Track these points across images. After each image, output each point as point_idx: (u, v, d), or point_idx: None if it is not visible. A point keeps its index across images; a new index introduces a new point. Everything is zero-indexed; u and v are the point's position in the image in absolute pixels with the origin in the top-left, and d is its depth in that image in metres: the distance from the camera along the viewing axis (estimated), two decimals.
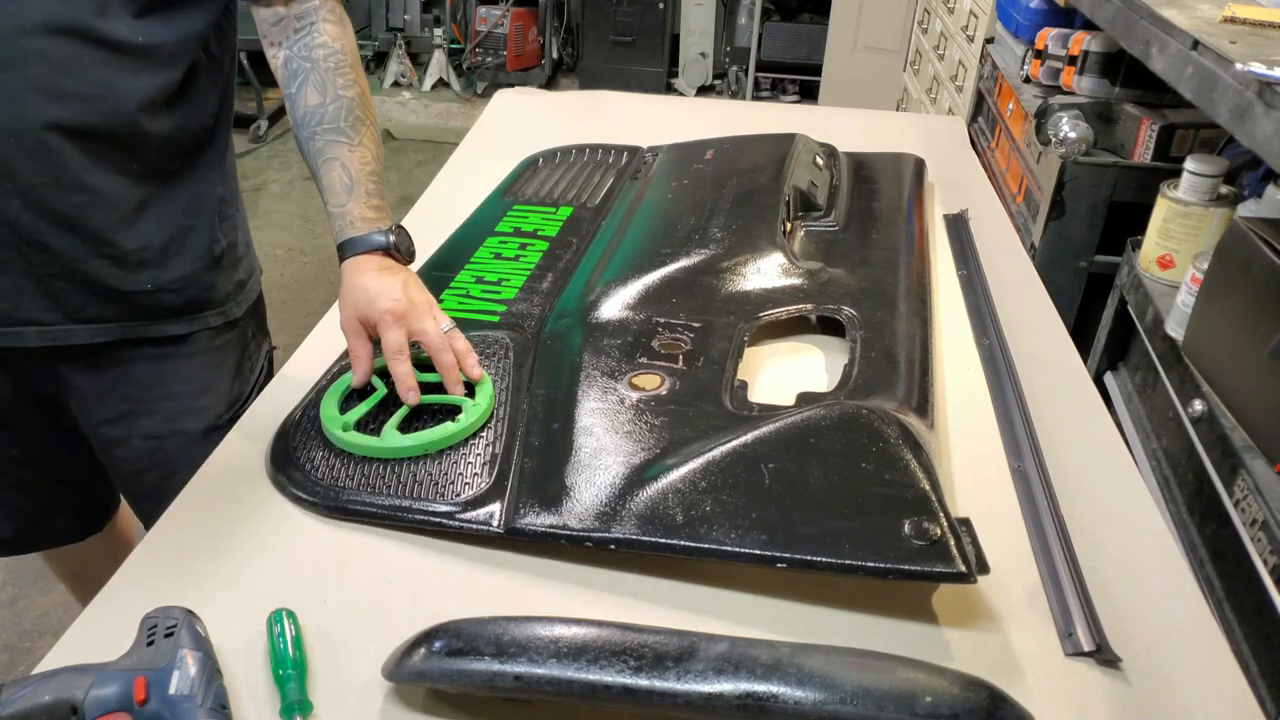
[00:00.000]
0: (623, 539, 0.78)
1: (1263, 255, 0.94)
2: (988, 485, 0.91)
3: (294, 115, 1.00)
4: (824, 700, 0.60)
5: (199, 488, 0.89)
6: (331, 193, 0.98)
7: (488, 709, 0.68)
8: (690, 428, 0.90)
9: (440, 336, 0.94)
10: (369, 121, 1.01)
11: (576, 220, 1.38)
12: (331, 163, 0.98)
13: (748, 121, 1.77)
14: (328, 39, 1.00)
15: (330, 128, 0.98)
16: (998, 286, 1.26)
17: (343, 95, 0.99)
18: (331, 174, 0.98)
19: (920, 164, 1.56)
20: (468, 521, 0.82)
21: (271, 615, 0.72)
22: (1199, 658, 0.74)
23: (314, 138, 0.99)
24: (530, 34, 4.94)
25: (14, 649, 1.85)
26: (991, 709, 0.61)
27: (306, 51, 1.00)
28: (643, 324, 1.08)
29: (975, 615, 0.76)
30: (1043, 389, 1.05)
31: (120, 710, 0.62)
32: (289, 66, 1.00)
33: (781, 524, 0.77)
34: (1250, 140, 0.92)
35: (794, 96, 4.87)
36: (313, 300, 3.15)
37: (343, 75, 1.00)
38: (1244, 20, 1.11)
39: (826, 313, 1.11)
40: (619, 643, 0.64)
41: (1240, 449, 0.94)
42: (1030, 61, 1.76)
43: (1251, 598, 0.89)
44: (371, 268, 0.95)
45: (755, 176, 1.38)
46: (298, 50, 1.00)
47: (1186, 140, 1.44)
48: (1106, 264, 1.49)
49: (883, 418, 0.86)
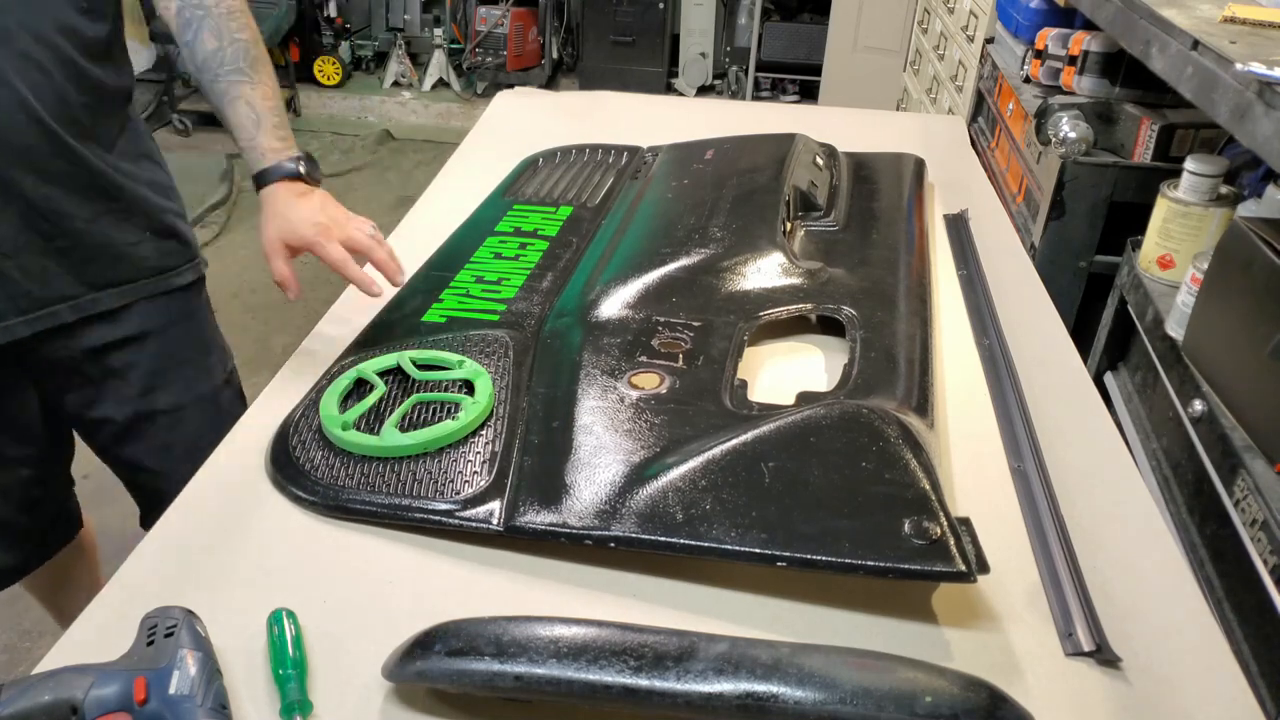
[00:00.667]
0: (623, 537, 0.78)
1: (1263, 255, 0.94)
2: (988, 485, 0.91)
3: (193, 62, 1.05)
4: (824, 700, 0.60)
5: (199, 488, 0.88)
6: (240, 129, 1.03)
7: (488, 709, 0.68)
8: (690, 427, 0.90)
9: (368, 239, 1.02)
10: (265, 61, 1.07)
11: (576, 220, 1.38)
12: (236, 101, 1.03)
13: (748, 121, 1.77)
14: None
15: (231, 69, 1.04)
16: (998, 286, 1.26)
17: (238, 38, 1.05)
18: (238, 111, 1.03)
19: (920, 164, 1.56)
20: (467, 520, 0.82)
21: (271, 615, 0.72)
22: (1199, 658, 0.74)
23: (216, 80, 1.04)
24: (530, 34, 4.94)
25: (14, 649, 1.85)
26: (991, 709, 0.61)
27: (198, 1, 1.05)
28: (643, 323, 1.08)
29: (975, 615, 0.77)
30: (1043, 389, 1.05)
31: (120, 710, 0.62)
32: (182, 15, 1.05)
33: (781, 523, 0.77)
34: (1250, 140, 0.92)
35: (794, 96, 4.87)
36: (313, 300, 3.16)
37: (235, 20, 1.06)
38: (1244, 20, 1.11)
39: (826, 312, 1.11)
40: (619, 643, 0.64)
41: (1240, 449, 0.94)
42: (1030, 61, 1.76)
43: (1251, 598, 0.89)
44: (288, 194, 1.02)
45: (755, 176, 1.38)
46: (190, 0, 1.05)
47: (1186, 140, 1.44)
48: (1106, 264, 1.49)
49: (883, 417, 0.86)
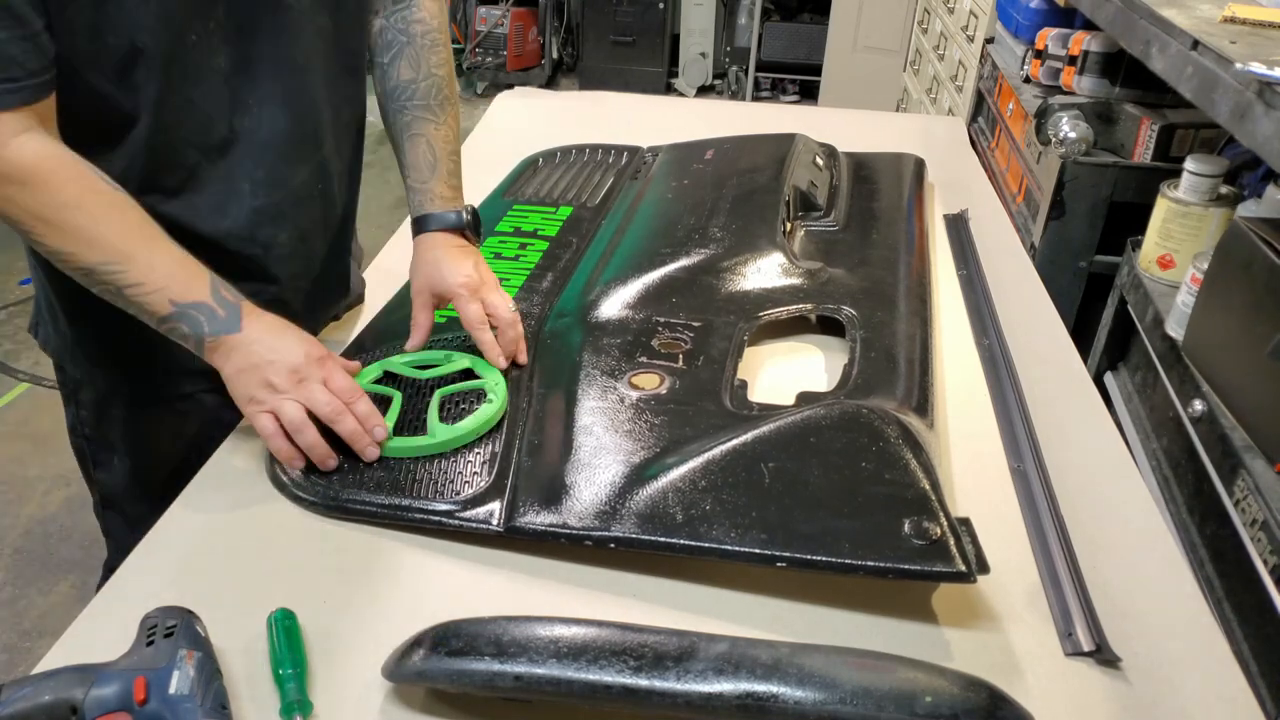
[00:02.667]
0: (622, 538, 0.78)
1: (1263, 255, 0.94)
2: (988, 485, 0.91)
3: (382, 85, 1.04)
4: (824, 700, 0.60)
5: (199, 488, 0.88)
6: (414, 168, 1.02)
7: (488, 709, 0.68)
8: (690, 427, 0.90)
9: (509, 313, 1.00)
10: (454, 101, 1.05)
11: (576, 220, 1.38)
12: (418, 139, 1.02)
13: (748, 121, 1.77)
14: (426, 15, 1.03)
15: (420, 104, 1.02)
16: (998, 286, 1.26)
17: (435, 73, 1.03)
18: (417, 150, 1.02)
19: (920, 164, 1.56)
20: (467, 520, 0.82)
21: (271, 615, 0.72)
22: (1199, 658, 0.74)
23: (403, 111, 1.02)
24: (530, 34, 4.94)
25: (14, 649, 1.85)
26: (991, 709, 0.60)
27: (404, 25, 1.03)
28: (642, 323, 1.08)
29: (975, 615, 0.76)
30: (1043, 389, 1.05)
31: (120, 710, 0.62)
32: (384, 36, 1.03)
33: (781, 523, 0.77)
34: (1250, 140, 0.92)
35: (794, 96, 4.87)
36: None
37: (436, 54, 1.03)
38: (1244, 20, 1.11)
39: (826, 312, 1.11)
40: (619, 643, 0.64)
41: (1240, 449, 0.94)
42: (1030, 61, 1.76)
43: (1251, 598, 0.89)
44: (446, 244, 1.01)
45: (755, 176, 1.38)
46: (395, 22, 1.03)
47: (1186, 140, 1.45)
48: (1106, 264, 1.49)
49: (883, 417, 0.86)
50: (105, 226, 0.81)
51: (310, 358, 0.86)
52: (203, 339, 0.84)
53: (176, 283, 0.83)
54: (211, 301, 0.85)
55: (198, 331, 0.84)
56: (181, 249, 0.85)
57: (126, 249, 0.81)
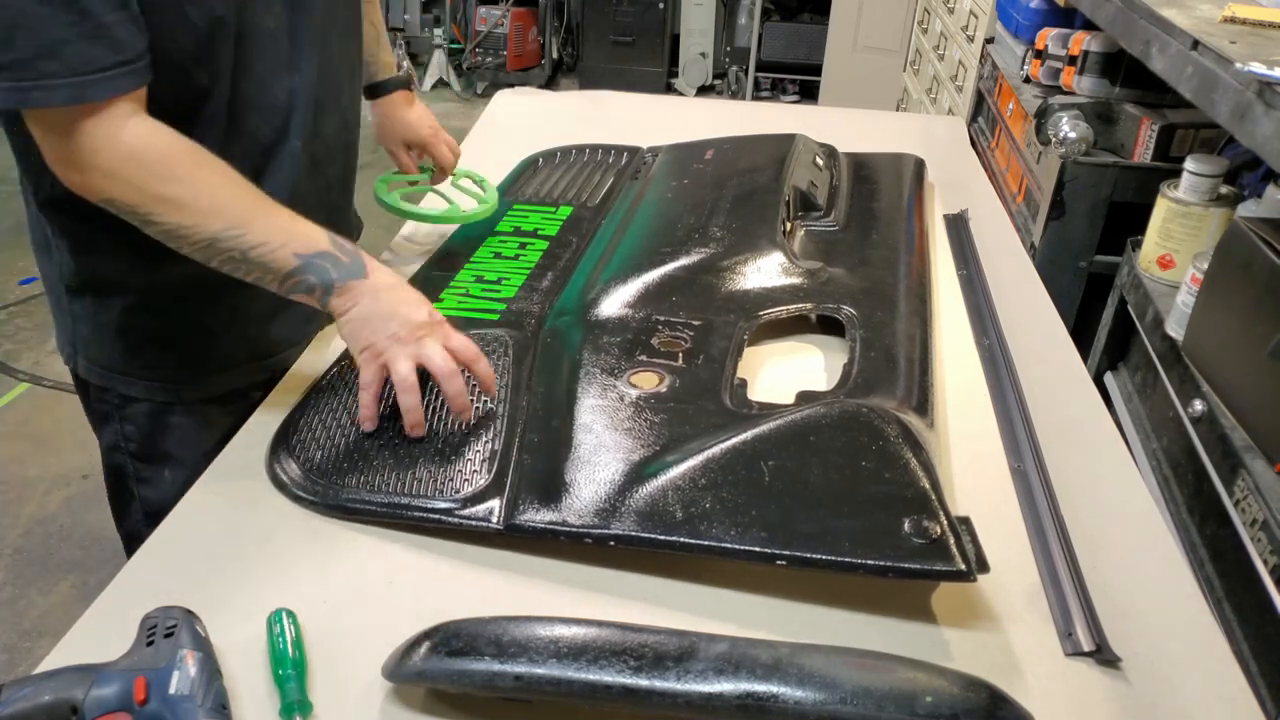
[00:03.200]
0: (622, 536, 0.78)
1: (1263, 255, 0.94)
2: (988, 485, 0.91)
3: None
4: (824, 700, 0.60)
5: (199, 488, 0.88)
6: None
7: (488, 709, 0.68)
8: (690, 426, 0.90)
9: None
10: None
11: (576, 220, 1.38)
12: None
13: (748, 121, 1.77)
14: None
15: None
16: (998, 286, 1.26)
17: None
18: None
19: (920, 164, 1.56)
20: (467, 518, 0.82)
21: (271, 615, 0.72)
22: (1199, 658, 0.74)
23: None
24: (530, 34, 4.94)
25: (14, 649, 1.85)
26: (991, 709, 0.61)
27: None
28: (642, 322, 1.08)
29: (975, 615, 0.76)
30: (1043, 389, 1.05)
31: (120, 710, 0.62)
32: None
33: (781, 522, 0.77)
34: (1250, 140, 0.92)
35: (794, 96, 4.87)
36: None
37: None
38: (1244, 20, 1.11)
39: (826, 312, 1.11)
40: (619, 643, 0.64)
41: (1240, 449, 0.94)
42: (1030, 61, 1.76)
43: (1251, 598, 0.89)
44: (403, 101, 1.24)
45: (755, 176, 1.38)
46: None
47: (1186, 140, 1.45)
48: (1106, 264, 1.49)
49: (882, 416, 0.86)
50: (222, 195, 0.84)
51: (433, 316, 0.90)
52: (331, 284, 0.87)
53: (297, 237, 0.86)
54: (334, 249, 0.88)
55: (325, 279, 0.86)
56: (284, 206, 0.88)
57: (244, 213, 0.84)
